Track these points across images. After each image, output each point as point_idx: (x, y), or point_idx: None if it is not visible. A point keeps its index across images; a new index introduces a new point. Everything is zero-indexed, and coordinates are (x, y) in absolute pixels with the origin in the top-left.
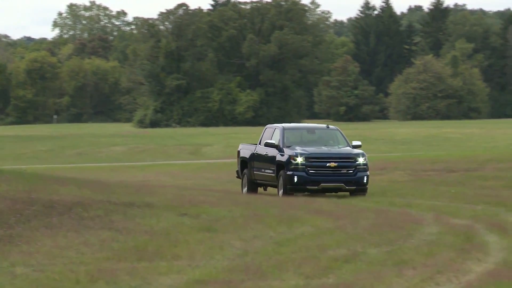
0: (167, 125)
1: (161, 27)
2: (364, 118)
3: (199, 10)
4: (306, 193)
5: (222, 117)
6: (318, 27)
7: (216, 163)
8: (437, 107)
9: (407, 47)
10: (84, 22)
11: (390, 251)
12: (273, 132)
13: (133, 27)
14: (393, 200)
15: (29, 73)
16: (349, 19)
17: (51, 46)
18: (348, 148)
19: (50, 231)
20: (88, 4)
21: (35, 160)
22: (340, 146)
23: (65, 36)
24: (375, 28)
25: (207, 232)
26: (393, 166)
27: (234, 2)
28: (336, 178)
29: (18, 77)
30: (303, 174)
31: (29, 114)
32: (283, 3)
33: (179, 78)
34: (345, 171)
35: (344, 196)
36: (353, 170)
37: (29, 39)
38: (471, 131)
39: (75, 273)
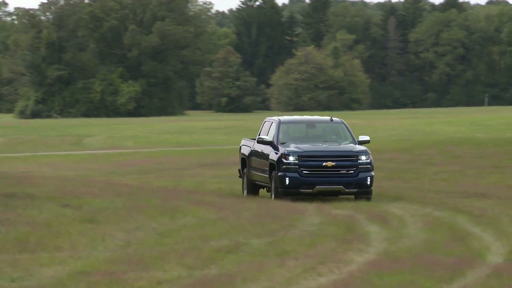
0: (48, 116)
1: (42, 17)
2: (246, 109)
3: (80, 0)
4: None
5: (104, 108)
6: (200, 18)
7: (98, 154)
8: (318, 98)
9: (288, 38)
10: None
11: (272, 241)
12: (270, 125)
13: (14, 17)
14: None
15: None
16: (231, 10)
17: None
18: (351, 144)
19: None
20: None
21: None
22: (345, 142)
23: None
24: (257, 19)
25: (89, 223)
26: None
27: None
28: (334, 179)
29: None
30: (296, 175)
31: None
32: None
33: (61, 68)
34: (344, 172)
35: (233, 188)
36: (354, 170)
37: None
38: (352, 122)
39: None
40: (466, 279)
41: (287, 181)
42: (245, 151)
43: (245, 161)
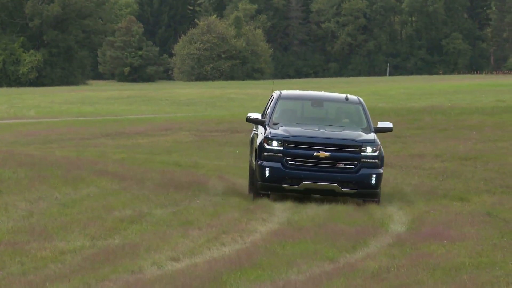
0: None
1: None
2: (149, 78)
3: None
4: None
5: (6, 77)
6: None
7: (0, 124)
8: (221, 68)
9: (190, 7)
10: None
11: (176, 211)
12: (270, 101)
13: None
14: (179, 160)
15: None
16: None
17: None
18: (356, 132)
19: None
20: None
21: None
22: (356, 128)
23: None
24: None
25: None
26: (177, 126)
27: None
28: (327, 174)
29: None
30: (279, 165)
31: None
32: None
33: None
34: (342, 166)
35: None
36: (355, 165)
37: None
38: (255, 91)
39: None
40: (368, 248)
41: (266, 173)
42: (252, 133)
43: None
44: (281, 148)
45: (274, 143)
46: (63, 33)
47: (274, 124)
